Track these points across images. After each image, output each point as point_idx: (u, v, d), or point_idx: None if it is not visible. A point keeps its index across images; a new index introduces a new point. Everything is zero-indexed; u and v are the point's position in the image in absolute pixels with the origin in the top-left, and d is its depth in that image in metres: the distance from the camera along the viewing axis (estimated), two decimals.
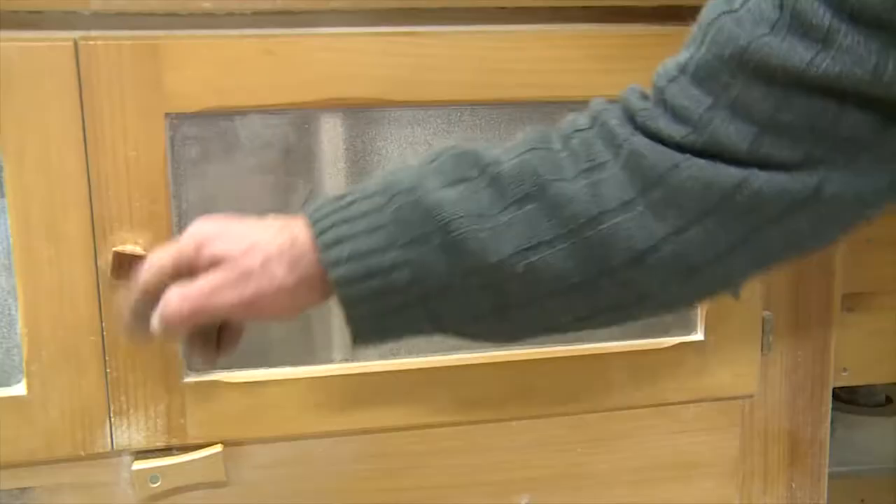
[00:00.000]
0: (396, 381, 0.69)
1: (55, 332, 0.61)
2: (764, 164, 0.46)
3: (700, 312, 0.74)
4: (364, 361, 0.69)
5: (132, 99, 0.60)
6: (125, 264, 0.58)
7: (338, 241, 0.48)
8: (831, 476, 0.81)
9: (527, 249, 0.48)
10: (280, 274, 0.49)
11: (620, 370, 0.72)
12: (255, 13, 0.62)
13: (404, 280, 0.48)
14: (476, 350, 0.71)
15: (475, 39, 0.64)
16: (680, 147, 0.47)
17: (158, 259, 0.51)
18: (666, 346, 0.73)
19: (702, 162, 0.46)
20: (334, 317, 0.69)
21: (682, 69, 0.47)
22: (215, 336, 0.55)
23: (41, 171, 0.59)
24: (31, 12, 0.59)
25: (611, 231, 0.47)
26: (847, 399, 1.07)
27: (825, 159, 0.46)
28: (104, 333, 0.62)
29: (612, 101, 0.50)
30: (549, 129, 0.51)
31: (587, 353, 0.72)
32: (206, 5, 0.61)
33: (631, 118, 0.48)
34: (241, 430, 0.66)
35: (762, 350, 0.75)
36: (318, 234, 0.49)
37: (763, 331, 0.75)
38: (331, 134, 0.66)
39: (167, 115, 0.61)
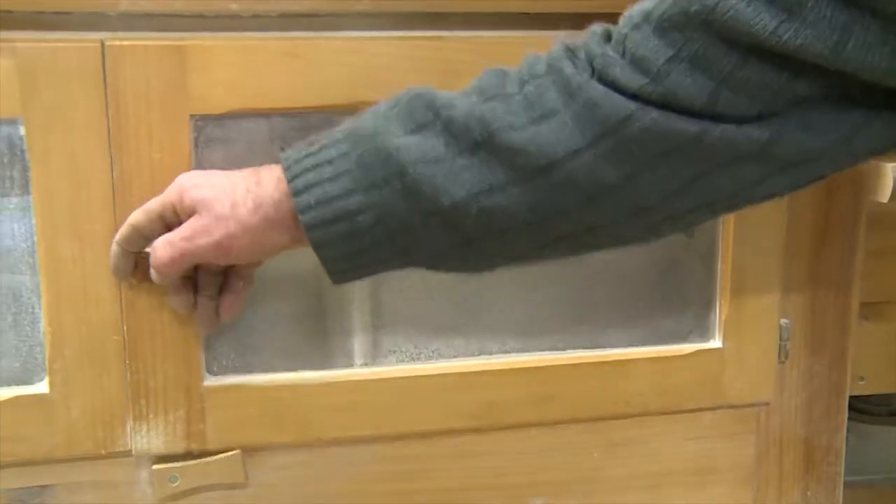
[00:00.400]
0: (416, 386, 0.69)
1: (78, 330, 0.61)
2: (718, 117, 0.47)
3: (718, 320, 0.74)
4: (384, 367, 0.69)
5: (157, 100, 0.60)
6: (148, 265, 0.59)
7: (307, 188, 0.52)
8: (844, 485, 0.81)
9: (479, 193, 0.50)
10: (245, 215, 0.54)
11: (639, 377, 0.72)
12: (281, 15, 0.62)
13: (369, 222, 0.52)
14: (495, 356, 0.71)
15: (500, 45, 0.64)
16: (635, 96, 0.48)
17: (148, 203, 0.58)
18: (684, 353, 0.73)
19: (656, 114, 0.47)
20: (355, 321, 0.69)
21: (647, 17, 0.48)
22: (215, 299, 0.61)
23: (67, 170, 0.60)
24: (57, 13, 0.59)
25: (560, 179, 0.49)
26: (860, 408, 1.06)
27: (778, 113, 0.47)
28: (125, 336, 0.62)
29: (573, 43, 0.52)
30: (507, 72, 0.53)
31: (607, 359, 0.72)
32: (233, 7, 0.61)
33: (589, 63, 0.50)
34: (260, 436, 0.66)
35: (779, 357, 0.75)
36: (290, 180, 0.53)
37: (780, 338, 0.75)
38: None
39: (192, 116, 0.61)
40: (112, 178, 0.60)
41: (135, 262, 0.60)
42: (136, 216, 0.58)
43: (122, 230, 0.58)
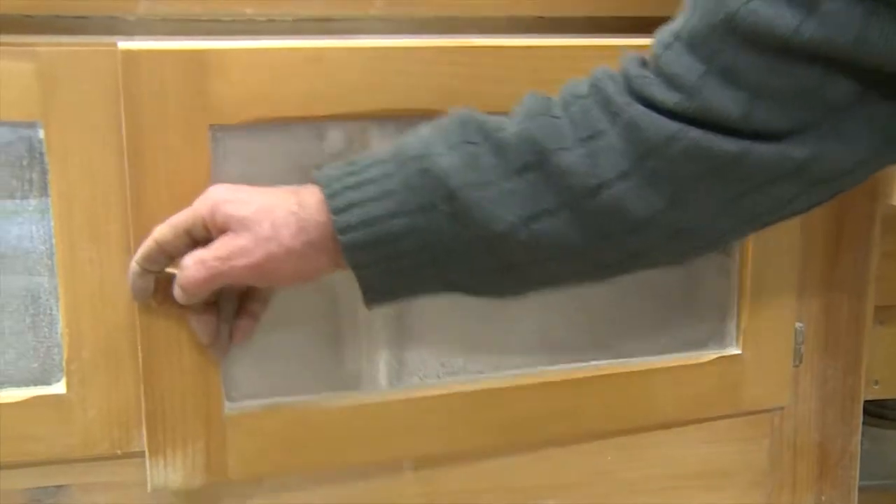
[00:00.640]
0: (442, 406, 0.67)
1: (95, 332, 0.62)
2: (756, 133, 0.47)
3: (737, 327, 0.74)
4: (410, 387, 0.68)
5: (175, 109, 0.57)
6: (169, 286, 0.56)
7: (348, 207, 0.50)
8: (858, 490, 0.81)
9: (529, 218, 0.49)
10: (288, 238, 0.51)
11: (661, 387, 0.71)
12: (296, 20, 0.62)
13: (413, 246, 0.50)
14: (520, 370, 0.70)
15: (528, 52, 0.62)
16: (673, 114, 0.48)
17: (175, 217, 0.54)
18: (704, 361, 0.73)
19: (696, 133, 0.47)
20: (379, 337, 0.68)
21: (677, 36, 0.49)
22: (230, 322, 0.58)
23: (85, 172, 0.60)
24: (76, 17, 0.60)
25: (609, 201, 0.49)
26: (875, 412, 1.06)
27: (813, 124, 0.47)
28: (141, 364, 0.59)
29: (612, 69, 0.52)
30: (549, 97, 0.52)
31: (630, 370, 0.71)
32: (249, 11, 0.61)
33: (628, 85, 0.50)
34: (284, 464, 0.63)
35: (793, 361, 0.75)
36: (329, 198, 0.50)
37: (794, 342, 0.75)
38: (381, 147, 0.61)
39: (211, 126, 0.58)
40: (127, 188, 0.57)
41: (155, 283, 0.57)
42: (162, 231, 0.54)
43: (144, 247, 0.55)
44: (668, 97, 0.48)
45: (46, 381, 0.64)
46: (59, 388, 0.63)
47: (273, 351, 0.65)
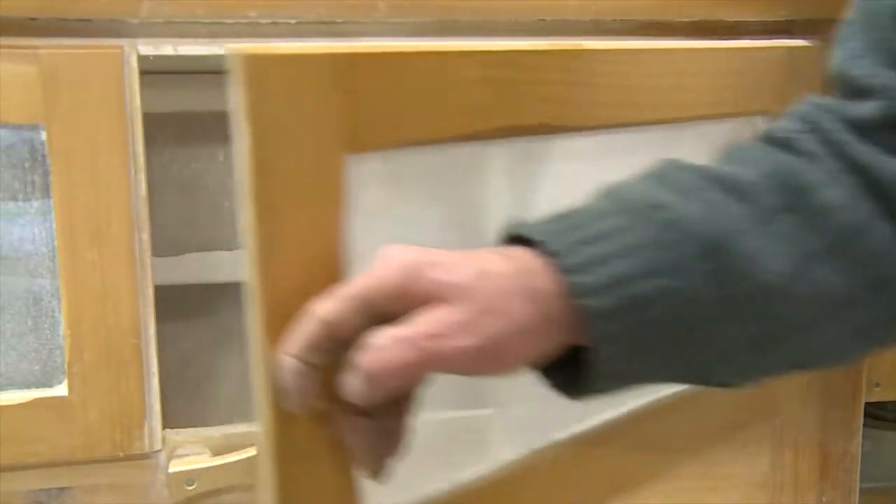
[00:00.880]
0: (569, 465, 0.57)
1: (97, 334, 0.62)
2: None
3: None
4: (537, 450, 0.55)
5: (307, 132, 0.39)
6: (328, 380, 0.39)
7: (585, 266, 0.40)
8: (859, 491, 0.81)
9: (796, 265, 0.43)
10: (518, 309, 0.39)
11: (708, 399, 0.69)
12: (300, 22, 0.62)
13: (663, 313, 0.41)
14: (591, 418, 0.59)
15: (639, 54, 0.54)
16: (882, 124, 0.44)
17: (348, 289, 0.38)
18: None
19: None
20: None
21: (852, 49, 0.46)
22: (389, 425, 0.40)
23: (87, 174, 0.60)
24: (79, 20, 0.60)
25: (871, 241, 0.44)
26: (875, 414, 1.06)
27: None
28: (276, 489, 0.39)
29: (804, 106, 0.48)
30: (756, 140, 0.47)
31: (686, 396, 0.67)
32: (252, 14, 0.61)
33: (839, 115, 0.46)
34: None
35: None
36: (554, 255, 0.40)
37: None
38: (520, 167, 0.54)
39: (346, 154, 0.41)
40: (254, 241, 0.38)
41: (323, 369, 0.39)
42: (332, 308, 0.38)
43: (306, 332, 0.38)
44: (868, 107, 0.45)
45: (48, 383, 0.64)
46: (60, 389, 0.63)
47: None
